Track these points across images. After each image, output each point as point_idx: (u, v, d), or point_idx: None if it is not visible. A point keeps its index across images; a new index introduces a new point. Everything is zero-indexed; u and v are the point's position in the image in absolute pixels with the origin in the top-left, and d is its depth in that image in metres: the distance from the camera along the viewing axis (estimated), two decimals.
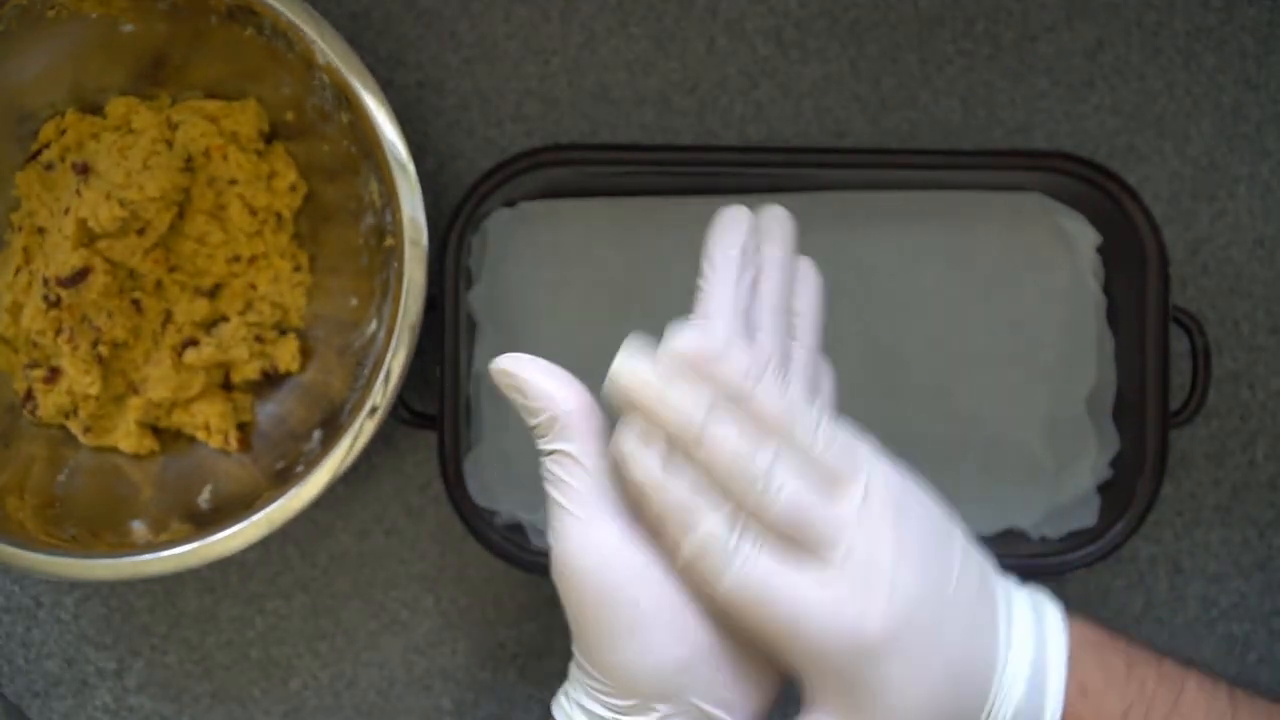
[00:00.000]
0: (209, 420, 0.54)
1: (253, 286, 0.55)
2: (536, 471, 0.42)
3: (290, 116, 0.55)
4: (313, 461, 0.51)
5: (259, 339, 0.55)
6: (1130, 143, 0.58)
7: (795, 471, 0.39)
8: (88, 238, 0.52)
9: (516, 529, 0.55)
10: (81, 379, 0.53)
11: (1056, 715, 0.40)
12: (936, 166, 0.55)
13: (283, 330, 0.56)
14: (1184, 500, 0.58)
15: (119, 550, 0.51)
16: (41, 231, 0.54)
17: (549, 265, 0.55)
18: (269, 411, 0.56)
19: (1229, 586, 0.58)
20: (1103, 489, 0.55)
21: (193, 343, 0.54)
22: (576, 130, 0.57)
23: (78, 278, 0.52)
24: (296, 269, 0.55)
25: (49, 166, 0.54)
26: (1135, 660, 0.41)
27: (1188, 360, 0.55)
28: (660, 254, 0.55)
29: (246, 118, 0.54)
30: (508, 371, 0.41)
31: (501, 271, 0.55)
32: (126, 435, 0.54)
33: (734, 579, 0.38)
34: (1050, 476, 0.55)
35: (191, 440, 0.55)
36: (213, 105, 0.54)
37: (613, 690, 0.40)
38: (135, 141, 0.53)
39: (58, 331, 0.53)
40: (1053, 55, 0.58)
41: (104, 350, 0.53)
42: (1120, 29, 0.58)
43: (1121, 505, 0.54)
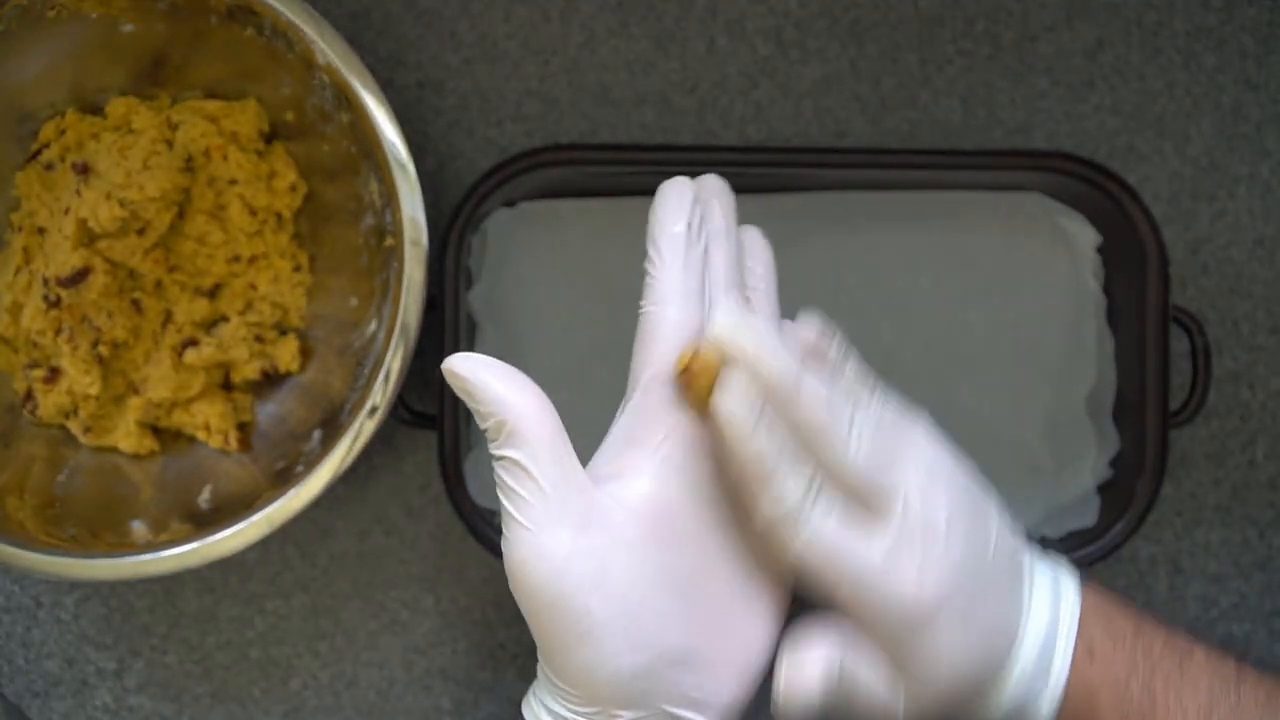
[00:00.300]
0: (209, 420, 0.54)
1: (253, 286, 0.55)
2: None
3: (290, 116, 0.55)
4: (313, 461, 0.51)
5: (259, 339, 0.55)
6: (1130, 143, 0.58)
7: (869, 434, 0.40)
8: (88, 238, 0.52)
9: None
10: (81, 379, 0.53)
11: (1062, 676, 0.41)
12: (936, 166, 0.55)
13: (283, 330, 0.56)
14: (1184, 500, 0.58)
15: (119, 550, 0.51)
16: (41, 231, 0.54)
17: (549, 265, 0.55)
18: (269, 411, 0.56)
19: (1229, 586, 0.58)
20: (1103, 489, 0.55)
21: (193, 343, 0.54)
22: (576, 130, 0.57)
23: (78, 278, 0.52)
24: (296, 269, 0.55)
25: (49, 166, 0.54)
26: (1143, 627, 0.42)
27: (1188, 360, 0.55)
28: None
29: (246, 118, 0.54)
30: (456, 373, 0.40)
31: (501, 271, 0.55)
32: (126, 435, 0.54)
33: (807, 540, 0.39)
34: (1050, 476, 0.55)
35: (191, 440, 0.55)
36: (213, 105, 0.54)
37: (574, 696, 0.40)
38: (135, 141, 0.53)
39: (58, 331, 0.53)
40: (1053, 55, 0.58)
41: (104, 350, 0.53)
42: (1120, 29, 0.58)
43: (1121, 505, 0.54)
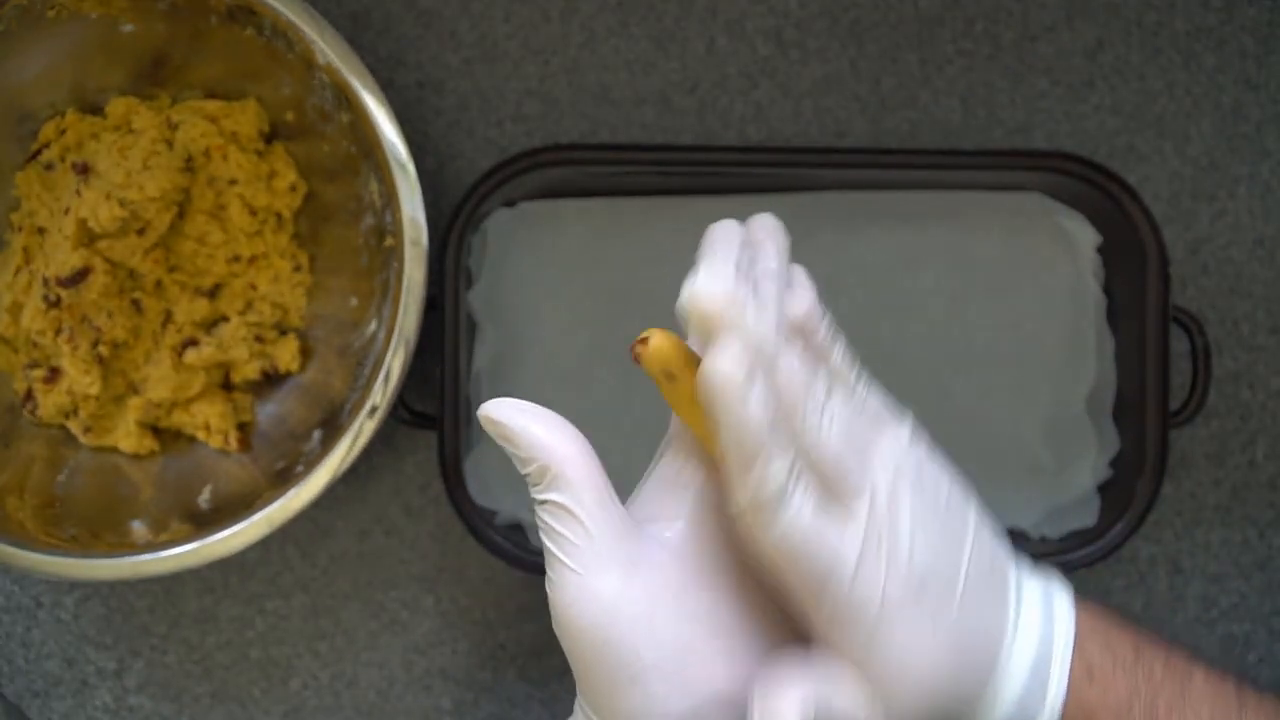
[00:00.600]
0: (209, 420, 0.54)
1: (253, 286, 0.55)
2: None
3: (290, 116, 0.55)
4: (313, 461, 0.51)
5: (259, 339, 0.55)
6: (1130, 143, 0.58)
7: (842, 418, 0.39)
8: (88, 238, 0.52)
9: (516, 529, 0.55)
10: (81, 379, 0.53)
11: (1059, 697, 0.40)
12: (937, 166, 0.55)
13: (283, 330, 0.56)
14: (1184, 500, 0.58)
15: (119, 550, 0.51)
16: (41, 231, 0.54)
17: (549, 265, 0.55)
18: (269, 411, 0.56)
19: (1229, 586, 0.58)
20: (1103, 489, 0.55)
21: (193, 343, 0.54)
22: (576, 130, 0.57)
23: (78, 278, 0.52)
24: (296, 269, 0.55)
25: (49, 166, 0.54)
26: (1143, 648, 0.41)
27: (1188, 360, 0.55)
28: (660, 254, 0.55)
29: (246, 118, 0.54)
30: (495, 420, 0.39)
31: (501, 271, 0.55)
32: (126, 435, 0.54)
33: (783, 529, 0.38)
34: (1050, 476, 0.55)
35: (191, 440, 0.55)
36: (213, 105, 0.54)
37: None
38: (135, 141, 0.53)
39: (58, 331, 0.53)
40: (1053, 55, 0.58)
41: (104, 350, 0.53)
42: (1120, 29, 0.58)
43: (1121, 505, 0.54)
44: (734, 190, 0.55)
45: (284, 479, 0.52)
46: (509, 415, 0.40)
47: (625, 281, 0.55)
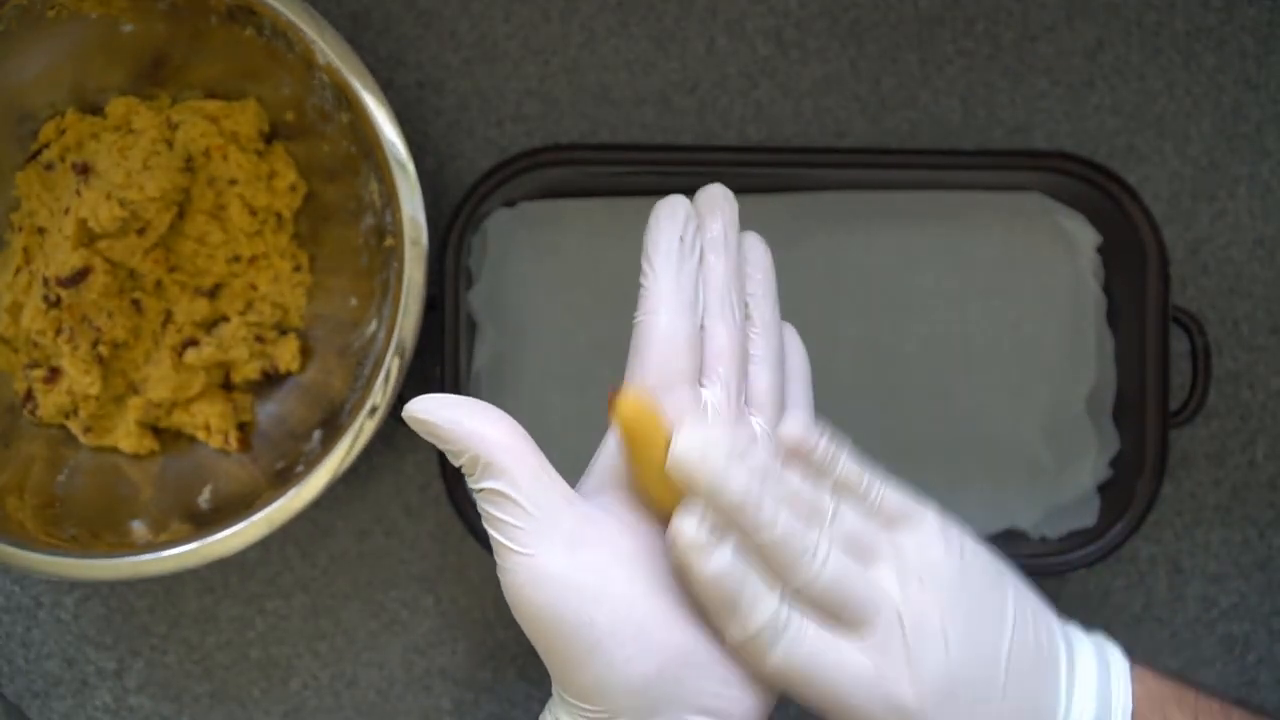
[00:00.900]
0: (209, 420, 0.54)
1: (253, 286, 0.55)
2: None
3: (290, 116, 0.55)
4: (313, 461, 0.51)
5: (259, 339, 0.55)
6: (1130, 143, 0.58)
7: (841, 547, 0.39)
8: (88, 238, 0.52)
9: None
10: (81, 379, 0.53)
11: None
12: (936, 166, 0.55)
13: (283, 330, 0.56)
14: (1184, 500, 0.58)
15: (119, 550, 0.51)
16: (41, 231, 0.54)
17: (549, 265, 0.55)
18: (269, 411, 0.56)
19: (1229, 586, 0.58)
20: (1103, 489, 0.55)
21: (193, 343, 0.54)
22: (576, 130, 0.57)
23: (78, 278, 0.52)
24: (296, 269, 0.55)
25: (49, 166, 0.54)
26: (1203, 713, 0.40)
27: (1188, 360, 0.55)
28: None
29: (246, 118, 0.54)
30: (418, 417, 0.39)
31: (501, 271, 0.55)
32: (126, 435, 0.54)
33: (781, 654, 0.38)
34: (1050, 476, 0.55)
35: (191, 440, 0.55)
36: (213, 105, 0.54)
37: (593, 713, 0.39)
38: (135, 141, 0.53)
39: (58, 331, 0.53)
40: (1053, 55, 0.58)
41: (104, 350, 0.53)
42: (1120, 29, 0.58)
43: (1121, 505, 0.54)
44: (734, 190, 0.55)
45: (284, 479, 0.52)
46: (432, 410, 0.39)
47: (626, 281, 0.55)
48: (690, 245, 0.42)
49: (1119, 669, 0.40)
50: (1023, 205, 0.55)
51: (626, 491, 0.40)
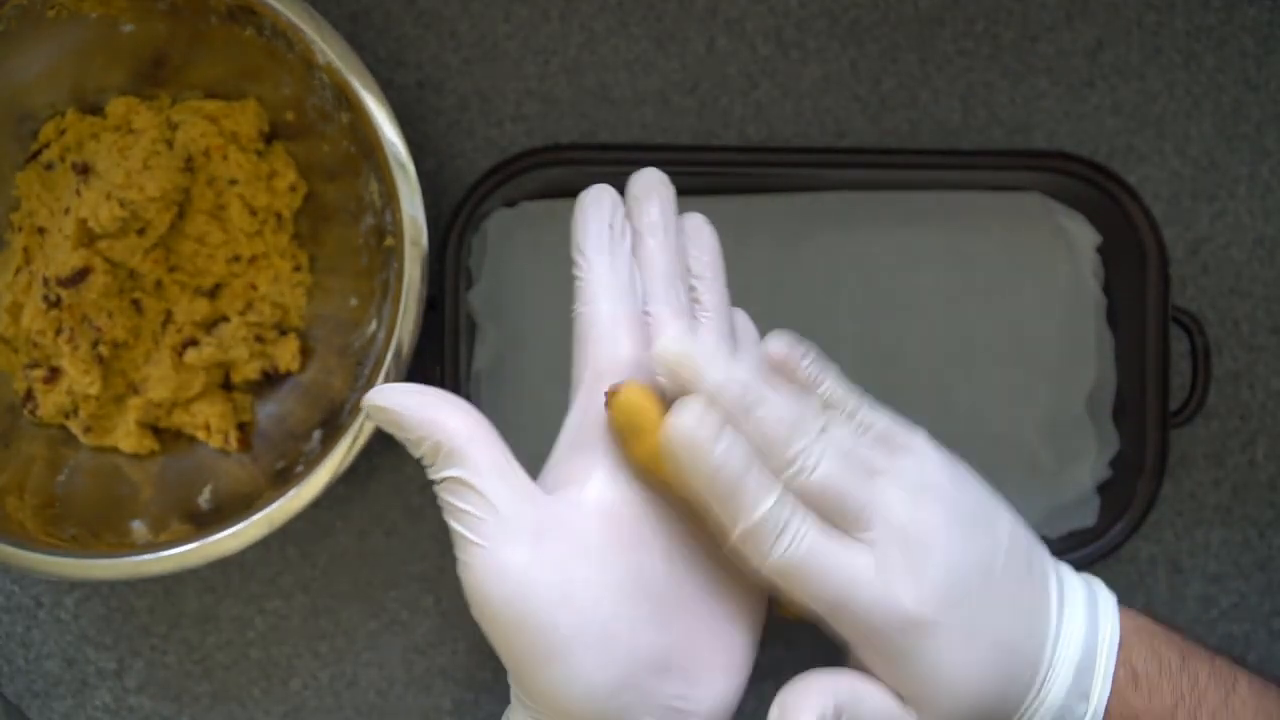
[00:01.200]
0: (209, 420, 0.55)
1: (253, 286, 0.55)
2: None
3: (290, 116, 0.55)
4: (313, 461, 0.51)
5: (259, 339, 0.55)
6: (1130, 143, 0.58)
7: (836, 449, 0.38)
8: (88, 238, 0.52)
9: None
10: (81, 379, 0.53)
11: (1103, 699, 0.39)
12: (936, 166, 0.55)
13: (283, 330, 0.56)
14: (1184, 500, 0.58)
15: (119, 550, 0.51)
16: (41, 231, 0.54)
17: (549, 265, 0.55)
18: (269, 411, 0.56)
19: (1229, 586, 0.58)
20: (1102, 489, 0.55)
21: (193, 343, 0.54)
22: (576, 130, 0.57)
23: (78, 278, 0.52)
24: (296, 269, 0.55)
25: (49, 166, 0.54)
26: (1189, 653, 0.41)
27: (1188, 360, 0.55)
28: None
29: (246, 118, 0.54)
30: (378, 406, 0.38)
31: (501, 271, 0.55)
32: (126, 435, 0.54)
33: (782, 550, 0.37)
34: (1050, 476, 0.55)
35: (191, 440, 0.55)
36: (213, 105, 0.54)
37: (550, 717, 0.38)
38: (135, 141, 0.53)
39: (58, 331, 0.53)
40: (1053, 55, 0.58)
41: (104, 350, 0.53)
42: (1120, 29, 0.58)
43: (1121, 505, 0.54)
44: (734, 190, 0.55)
45: (284, 479, 0.52)
46: (392, 399, 0.38)
47: None
48: (620, 231, 0.41)
49: (1107, 601, 0.41)
50: (1023, 205, 0.55)
51: (589, 481, 0.39)
